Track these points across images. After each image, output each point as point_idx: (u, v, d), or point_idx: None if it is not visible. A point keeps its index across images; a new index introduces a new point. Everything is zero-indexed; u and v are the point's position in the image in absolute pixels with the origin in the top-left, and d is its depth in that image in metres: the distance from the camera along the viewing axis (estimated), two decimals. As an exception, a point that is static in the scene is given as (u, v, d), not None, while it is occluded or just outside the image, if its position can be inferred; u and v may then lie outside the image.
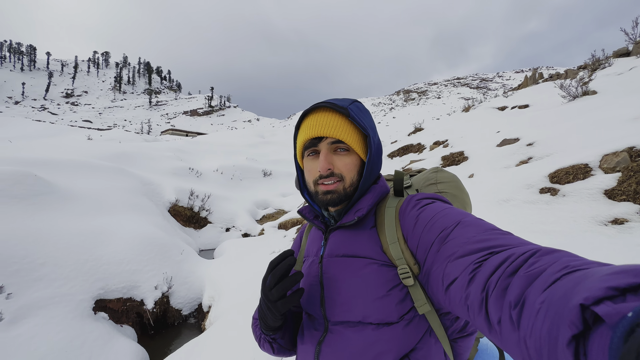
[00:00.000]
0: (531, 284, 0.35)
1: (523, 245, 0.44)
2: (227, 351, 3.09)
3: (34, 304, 3.76)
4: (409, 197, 0.67)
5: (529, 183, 3.48)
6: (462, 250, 0.48)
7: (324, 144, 0.68)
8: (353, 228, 0.69)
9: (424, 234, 0.57)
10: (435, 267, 0.52)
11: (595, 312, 0.26)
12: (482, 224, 0.52)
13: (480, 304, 0.41)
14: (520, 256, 0.40)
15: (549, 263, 0.36)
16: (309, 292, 0.72)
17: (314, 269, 0.73)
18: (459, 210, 0.58)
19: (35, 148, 11.42)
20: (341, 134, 0.65)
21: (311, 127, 0.67)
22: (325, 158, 0.66)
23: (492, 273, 0.41)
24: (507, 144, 5.41)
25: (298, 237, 0.91)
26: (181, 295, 5.46)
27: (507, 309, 0.36)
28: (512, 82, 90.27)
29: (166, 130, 54.32)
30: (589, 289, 0.27)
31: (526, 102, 9.71)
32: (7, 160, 7.04)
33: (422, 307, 0.58)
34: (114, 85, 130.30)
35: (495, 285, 0.39)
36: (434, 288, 0.54)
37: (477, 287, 0.42)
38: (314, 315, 0.71)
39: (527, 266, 0.38)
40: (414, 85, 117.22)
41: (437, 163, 6.41)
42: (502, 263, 0.41)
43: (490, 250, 0.45)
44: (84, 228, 5.33)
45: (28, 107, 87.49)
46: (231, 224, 10.70)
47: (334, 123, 0.66)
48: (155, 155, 13.41)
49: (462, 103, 17.76)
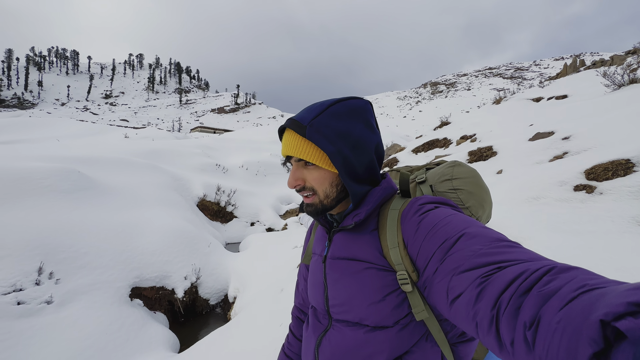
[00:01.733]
0: (546, 303, 0.34)
1: (535, 260, 0.41)
2: (251, 340, 3.22)
3: (79, 290, 4.13)
4: (412, 201, 0.66)
5: (563, 180, 3.27)
6: (467, 263, 0.46)
7: (293, 161, 0.69)
8: (354, 231, 0.69)
9: (425, 242, 0.56)
10: (438, 279, 0.51)
11: (616, 328, 0.25)
12: (487, 234, 0.49)
13: (490, 322, 0.39)
14: (534, 273, 0.38)
15: (566, 281, 0.34)
16: (315, 289, 0.75)
17: (319, 268, 0.75)
18: (463, 217, 0.56)
19: (79, 146, 12.36)
20: (302, 154, 0.65)
21: (283, 145, 0.69)
22: (293, 175, 0.68)
23: (503, 290, 0.39)
24: (540, 138, 5.10)
25: (308, 230, 0.94)
26: (209, 285, 5.73)
27: (520, 329, 0.35)
28: (550, 70, 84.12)
29: (195, 128, 56.56)
30: (608, 304, 0.27)
31: (564, 92, 9.05)
32: (55, 158, 7.70)
33: (420, 314, 0.58)
34: (148, 85, 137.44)
35: (508, 304, 0.37)
36: (436, 300, 0.52)
37: (486, 304, 0.40)
38: (319, 310, 0.74)
39: (541, 284, 0.36)
40: (441, 77, 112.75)
41: (464, 158, 6.17)
42: (514, 280, 0.39)
43: (498, 264, 0.43)
44: (121, 220, 5.74)
45: (72, 108, 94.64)
46: (256, 219, 11.00)
47: (295, 143, 0.65)
48: (185, 152, 14.02)
49: (494, 95, 16.84)
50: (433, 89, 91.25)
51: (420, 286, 0.57)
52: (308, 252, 0.85)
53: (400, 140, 25.29)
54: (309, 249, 0.86)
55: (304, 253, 0.90)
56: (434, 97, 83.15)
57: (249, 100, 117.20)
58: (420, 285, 0.57)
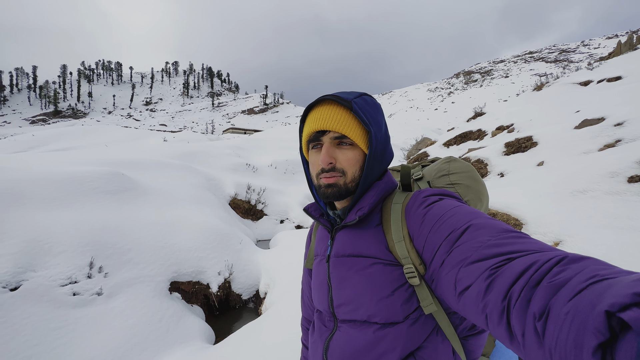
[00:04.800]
0: (556, 294, 0.34)
1: (546, 251, 0.40)
2: (280, 335, 3.30)
3: (124, 283, 4.48)
4: (416, 193, 0.64)
5: (614, 170, 2.95)
6: (476, 254, 0.45)
7: (327, 138, 0.67)
8: (358, 227, 0.68)
9: (431, 234, 0.55)
10: (446, 270, 0.50)
11: (621, 319, 0.26)
12: (495, 225, 0.48)
13: (500, 314, 0.39)
14: (545, 263, 0.37)
15: (576, 272, 0.34)
16: (319, 291, 0.73)
17: (322, 269, 0.74)
18: (469, 209, 0.54)
19: (123, 150, 13.39)
20: (344, 128, 0.64)
21: (315, 120, 0.66)
22: (327, 152, 0.66)
23: (514, 281, 0.39)
24: (587, 125, 4.65)
25: (308, 234, 0.92)
26: (241, 281, 5.94)
27: (531, 320, 0.35)
28: (601, 51, 76.28)
29: (227, 129, 58.83)
30: (614, 295, 0.27)
31: (618, 73, 8.16)
32: (103, 162, 8.41)
33: (429, 307, 0.57)
34: (183, 91, 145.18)
35: (519, 296, 0.37)
36: (444, 292, 0.51)
37: (496, 296, 0.40)
38: (324, 313, 0.72)
39: (551, 275, 0.36)
40: (476, 65, 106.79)
41: (500, 150, 5.81)
42: (525, 271, 0.38)
43: (507, 255, 0.42)
44: (160, 219, 6.12)
45: (118, 116, 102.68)
46: (285, 216, 11.20)
47: (337, 117, 0.64)
48: (217, 153, 14.62)
49: (535, 81, 15.63)
50: (466, 79, 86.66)
51: (427, 279, 0.57)
52: (310, 256, 0.84)
53: (431, 134, 24.37)
54: (310, 252, 0.85)
55: (306, 258, 0.89)
56: (467, 86, 78.98)
57: (277, 100, 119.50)
58: (428, 278, 0.56)
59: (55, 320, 3.62)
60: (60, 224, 4.75)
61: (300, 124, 0.73)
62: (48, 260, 4.14)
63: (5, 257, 3.87)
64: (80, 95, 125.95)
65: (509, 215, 3.12)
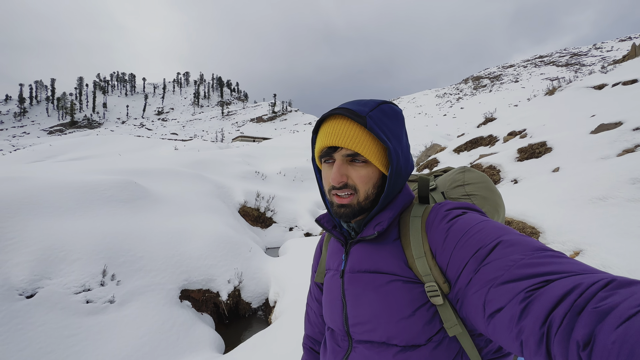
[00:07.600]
0: (602, 321, 0.31)
1: (588, 273, 0.37)
2: (290, 345, 3.25)
3: (136, 291, 4.51)
4: (436, 207, 0.61)
5: (636, 176, 2.85)
6: (508, 274, 0.42)
7: (338, 155, 0.63)
8: (374, 241, 0.65)
9: (456, 250, 0.51)
10: (473, 290, 0.47)
11: None
12: (528, 242, 0.45)
13: (539, 341, 0.36)
14: (589, 287, 0.35)
15: (624, 297, 0.31)
16: (332, 308, 0.69)
17: (335, 284, 0.69)
18: (497, 224, 0.51)
19: (136, 159, 13.68)
20: (357, 146, 0.60)
21: (327, 135, 0.62)
22: (339, 170, 0.62)
23: (554, 306, 0.36)
24: (604, 130, 4.53)
25: (318, 246, 0.88)
26: (250, 289, 5.92)
27: (574, 350, 0.32)
28: (614, 54, 74.83)
29: (236, 138, 59.67)
30: None
31: (633, 76, 7.97)
32: (116, 171, 8.60)
33: (453, 329, 0.53)
34: (193, 100, 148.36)
35: (562, 322, 0.34)
36: (470, 313, 0.48)
37: (534, 321, 0.37)
38: (337, 332, 0.68)
39: (597, 300, 0.33)
40: (485, 70, 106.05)
41: (512, 156, 5.70)
42: (566, 295, 0.35)
43: (545, 277, 0.39)
44: (171, 227, 6.19)
45: (131, 125, 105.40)
46: (294, 224, 11.18)
47: (350, 133, 0.60)
48: (226, 160, 14.79)
49: (546, 85, 15.39)
50: (475, 84, 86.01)
51: (451, 298, 0.53)
52: (321, 269, 0.79)
53: (441, 140, 24.15)
54: (321, 265, 0.80)
55: (314, 271, 0.85)
56: (476, 92, 78.33)
57: (285, 108, 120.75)
58: (452, 298, 0.53)
59: (69, 328, 3.66)
60: (75, 232, 4.84)
61: (312, 134, 0.69)
62: (63, 268, 4.21)
63: (23, 265, 3.96)
64: (95, 106, 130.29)
65: (524, 223, 3.03)
